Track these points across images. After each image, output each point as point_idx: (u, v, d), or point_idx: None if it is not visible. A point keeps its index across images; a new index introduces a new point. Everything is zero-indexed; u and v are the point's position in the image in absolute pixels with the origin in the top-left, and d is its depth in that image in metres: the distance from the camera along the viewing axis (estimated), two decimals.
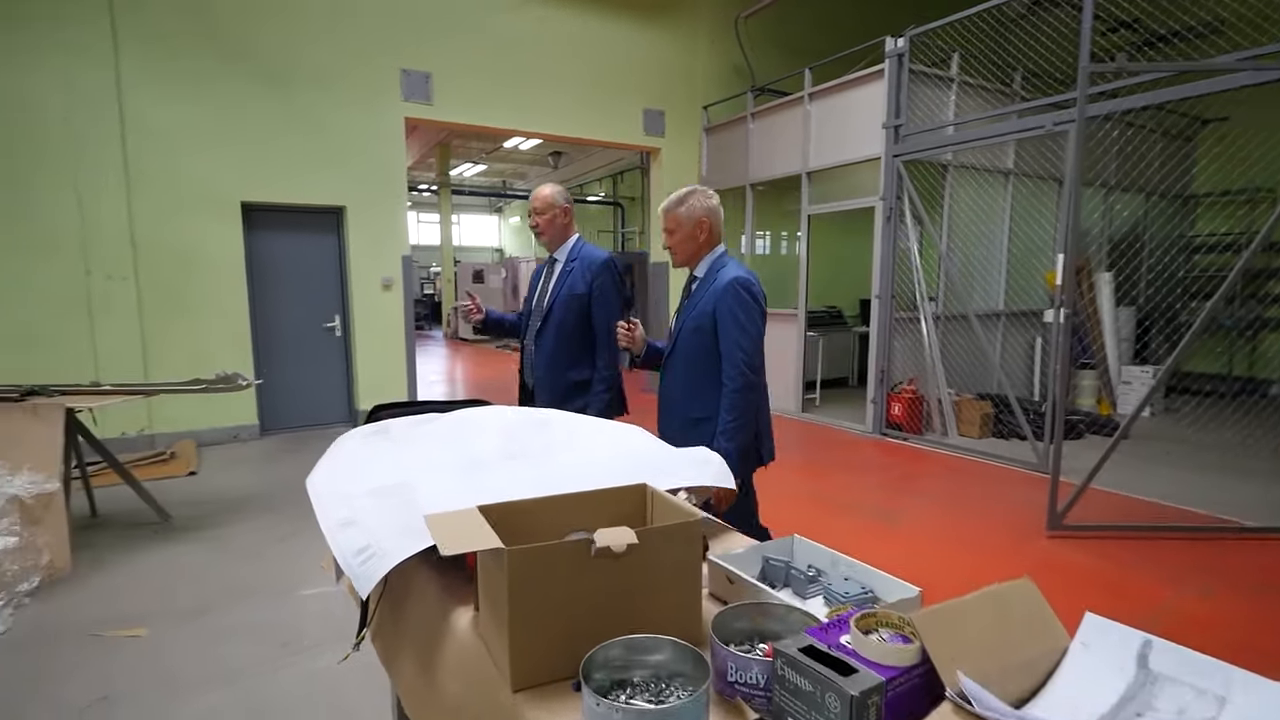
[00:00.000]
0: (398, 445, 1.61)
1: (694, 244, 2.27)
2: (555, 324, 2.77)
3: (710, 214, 2.26)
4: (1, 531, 2.96)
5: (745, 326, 2.16)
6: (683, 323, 2.31)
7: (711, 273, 2.26)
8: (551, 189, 2.86)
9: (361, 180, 6.44)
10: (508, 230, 25.99)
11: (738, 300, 2.15)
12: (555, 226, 2.83)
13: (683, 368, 2.31)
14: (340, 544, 1.20)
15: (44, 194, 5.21)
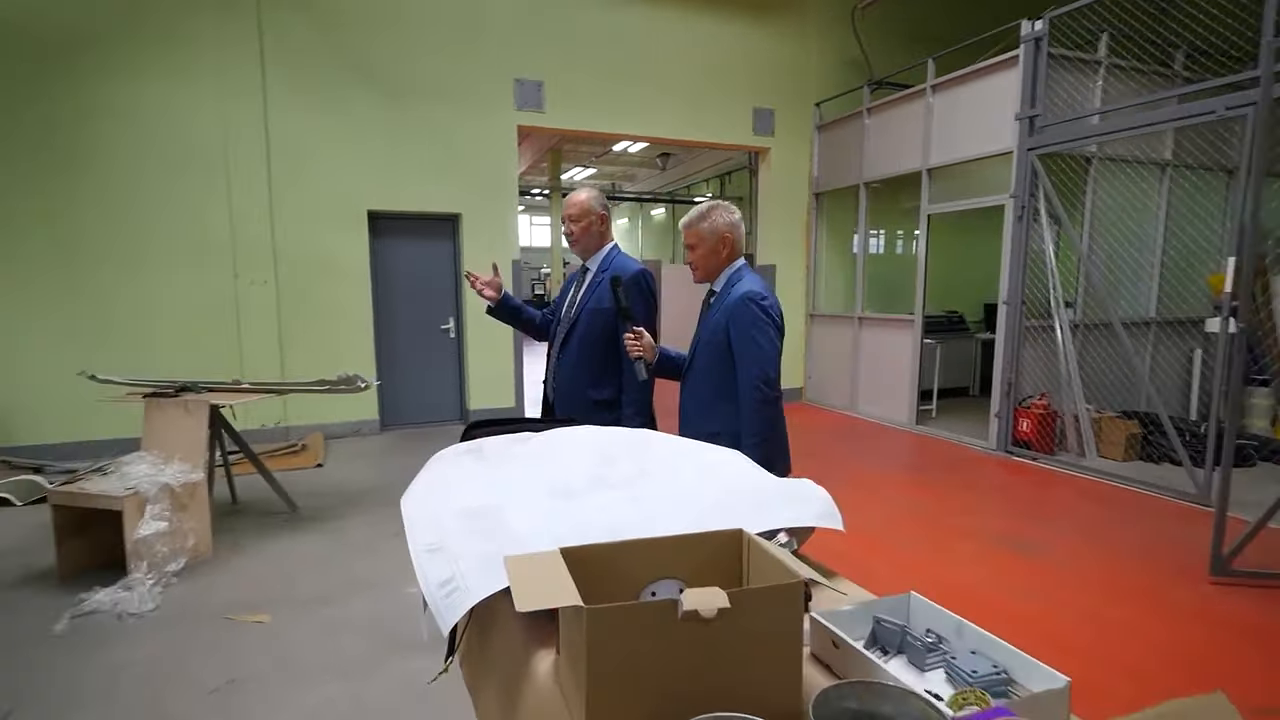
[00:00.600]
0: (489, 465, 1.60)
1: (716, 259, 2.26)
2: (580, 336, 2.65)
3: (733, 229, 2.25)
4: (154, 517, 3.27)
5: (758, 340, 2.12)
6: (701, 337, 2.30)
7: (728, 286, 2.24)
8: (587, 194, 2.75)
9: (476, 188, 6.68)
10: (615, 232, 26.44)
11: (749, 314, 2.13)
12: (590, 234, 2.69)
13: (698, 382, 2.31)
14: (426, 572, 1.18)
15: (205, 210, 5.77)
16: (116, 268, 5.58)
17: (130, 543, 3.20)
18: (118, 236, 5.57)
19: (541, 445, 1.68)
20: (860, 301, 7.76)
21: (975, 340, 8.61)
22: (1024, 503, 4.84)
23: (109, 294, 5.57)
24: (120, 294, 5.59)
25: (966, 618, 1.06)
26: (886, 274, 8.33)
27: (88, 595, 3.07)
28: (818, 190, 8.30)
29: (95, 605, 3.00)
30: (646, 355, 2.34)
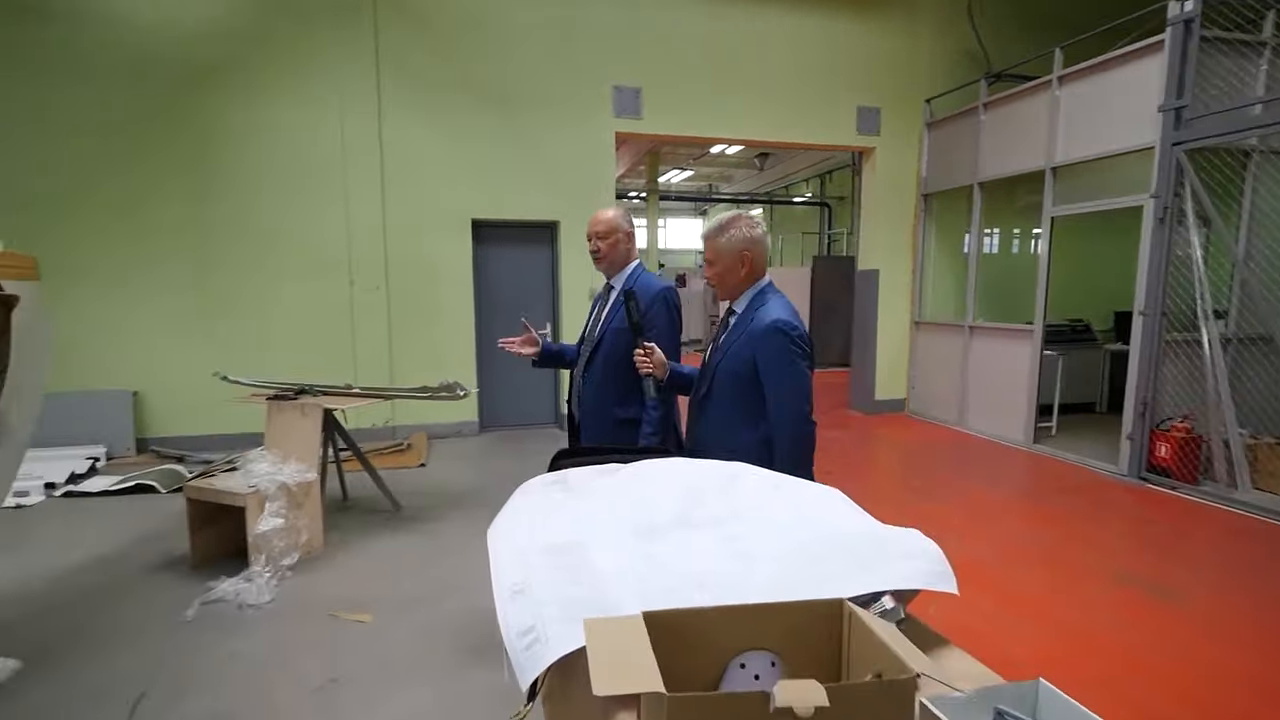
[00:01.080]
0: (575, 497, 1.57)
1: (735, 277, 2.12)
2: (604, 355, 2.64)
3: (752, 245, 2.09)
4: (272, 513, 3.49)
5: (793, 375, 2.02)
6: (718, 361, 2.15)
7: (750, 310, 2.10)
8: (615, 211, 2.74)
9: (574, 195, 6.77)
10: None
11: (781, 346, 2.00)
12: (617, 251, 2.70)
13: (717, 411, 2.16)
14: (508, 617, 1.16)
15: (325, 221, 6.17)
16: (247, 276, 6.05)
17: (251, 537, 3.44)
18: (249, 247, 6.04)
19: (628, 478, 1.63)
20: (972, 309, 7.27)
21: (1103, 351, 7.88)
22: (1161, 539, 4.36)
23: (241, 300, 6.05)
24: (250, 300, 6.07)
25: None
26: (1001, 280, 7.77)
27: (215, 584, 3.32)
28: (926, 191, 7.86)
29: (220, 594, 3.24)
30: (657, 372, 2.30)
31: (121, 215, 5.76)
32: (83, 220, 5.67)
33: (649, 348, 2.30)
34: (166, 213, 5.86)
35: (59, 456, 5.20)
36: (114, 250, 5.76)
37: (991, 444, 6.73)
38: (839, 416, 8.06)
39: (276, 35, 5.95)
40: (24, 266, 2.89)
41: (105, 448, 5.65)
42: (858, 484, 5.56)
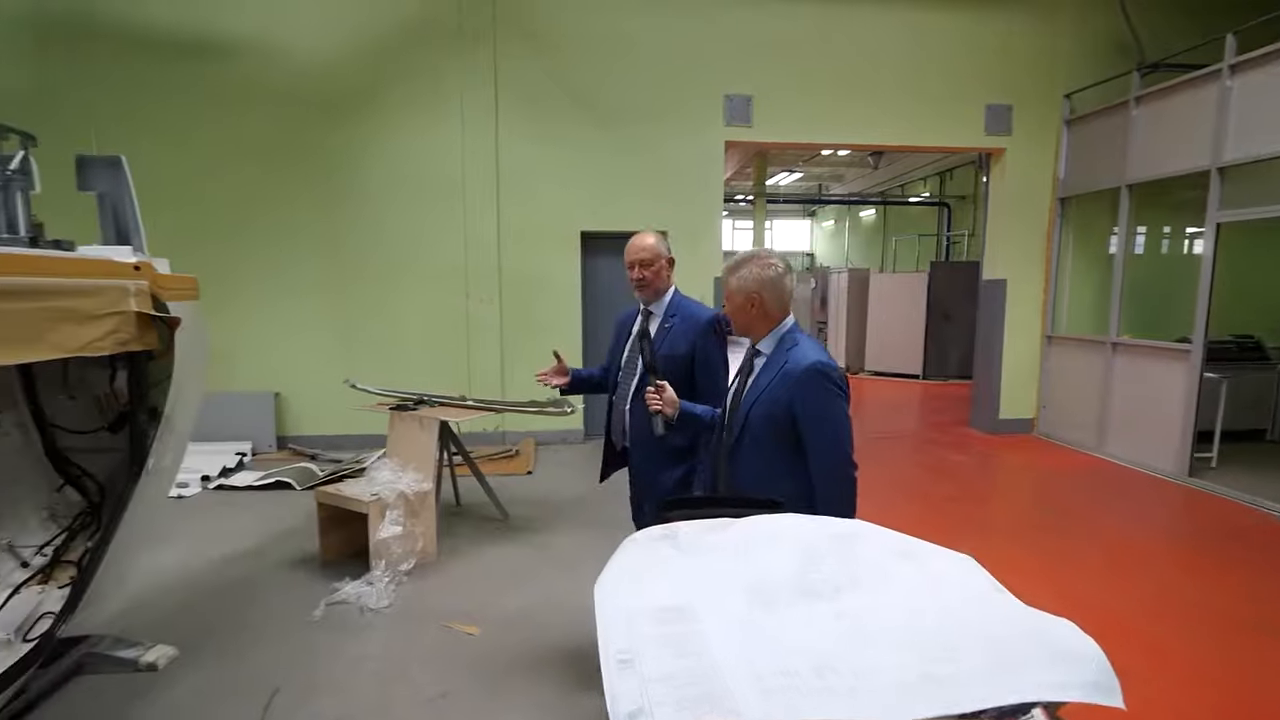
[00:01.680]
0: (684, 555, 1.52)
1: (746, 316, 2.08)
2: None
3: (763, 287, 2.03)
4: (392, 522, 3.68)
5: (837, 419, 1.97)
6: (749, 406, 2.07)
7: (779, 352, 2.05)
8: (655, 238, 2.70)
9: (682, 205, 6.74)
10: (820, 235, 25.45)
11: (820, 388, 1.95)
12: (661, 278, 2.69)
13: (753, 458, 2.07)
14: (615, 691, 1.12)
15: (444, 235, 6.50)
16: (375, 287, 6.46)
17: (373, 543, 3.64)
18: (377, 260, 6.45)
19: (740, 536, 1.56)
20: (1115, 323, 6.60)
21: (1277, 372, 6.94)
22: None
23: (370, 309, 6.47)
24: (378, 309, 6.47)
25: None
26: (1149, 291, 7.01)
27: (339, 585, 3.54)
28: (1064, 195, 7.22)
29: (344, 596, 3.45)
30: (667, 410, 2.26)
31: (269, 231, 6.31)
32: (237, 236, 6.25)
33: (661, 385, 2.29)
34: (306, 228, 6.36)
35: (213, 451, 5.75)
36: (262, 263, 6.31)
37: (1136, 474, 6.08)
38: (959, 436, 7.56)
39: (406, 60, 6.31)
40: (187, 288, 3.17)
41: (251, 444, 6.20)
42: (980, 514, 5.17)
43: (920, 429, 8.17)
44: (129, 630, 3.07)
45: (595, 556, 4.02)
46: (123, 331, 2.59)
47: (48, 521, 3.03)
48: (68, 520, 3.05)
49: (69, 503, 3.08)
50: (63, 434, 3.08)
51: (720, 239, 6.95)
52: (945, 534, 4.42)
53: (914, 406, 9.74)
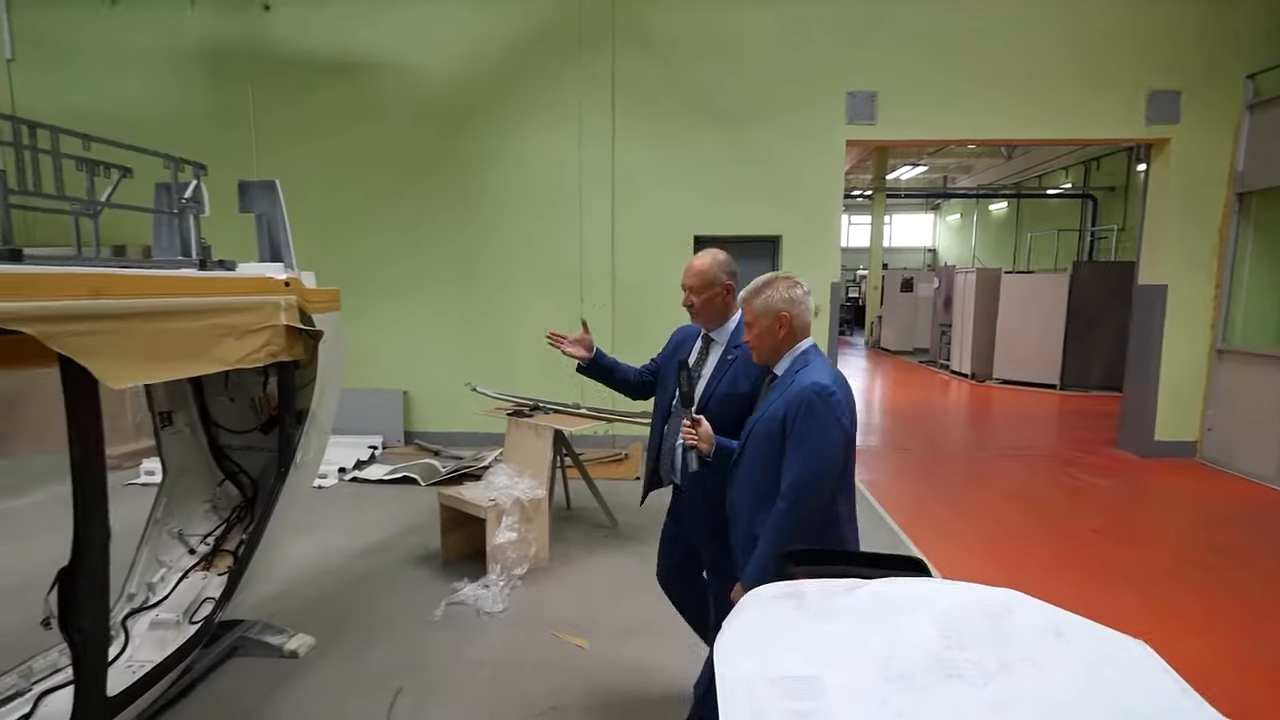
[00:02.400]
0: (810, 618, 1.43)
1: (773, 339, 2.01)
2: (710, 420, 2.24)
3: (790, 306, 1.98)
4: (507, 527, 3.80)
5: (815, 442, 1.87)
6: (753, 424, 2.04)
7: (789, 373, 2.00)
8: (710, 260, 2.40)
9: (798, 208, 6.53)
10: (944, 230, 24.02)
11: (811, 411, 1.87)
12: (714, 307, 2.39)
13: (747, 475, 2.04)
14: None
15: (561, 240, 6.65)
16: (495, 290, 6.73)
17: (489, 547, 3.77)
18: (498, 265, 6.70)
19: (872, 601, 1.45)
20: None
21: None
22: None
23: (490, 312, 6.75)
24: (498, 312, 6.73)
25: None
26: None
27: (459, 586, 3.69)
28: (1243, 189, 6.36)
29: (462, 598, 3.59)
30: (703, 446, 2.14)
31: (400, 236, 6.71)
32: (371, 243, 6.69)
33: (697, 420, 2.15)
34: (434, 233, 6.70)
35: (348, 444, 6.19)
36: (393, 267, 6.72)
37: None
38: (1105, 458, 6.86)
39: (527, 69, 6.49)
40: (330, 300, 3.40)
41: (382, 438, 6.63)
42: (1131, 552, 4.66)
43: (1057, 446, 7.49)
44: (275, 617, 3.35)
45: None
46: (274, 344, 2.80)
47: (210, 513, 3.35)
48: (227, 512, 3.36)
49: (228, 496, 3.39)
50: (223, 433, 3.39)
51: (838, 244, 6.66)
52: (1090, 573, 4.05)
53: (1050, 420, 8.96)
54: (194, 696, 2.81)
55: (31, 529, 4.56)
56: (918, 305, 15.69)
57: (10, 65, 6.69)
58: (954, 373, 12.43)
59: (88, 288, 2.05)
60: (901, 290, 16.16)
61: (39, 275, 1.93)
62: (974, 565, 4.27)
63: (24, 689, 2.53)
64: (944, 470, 6.42)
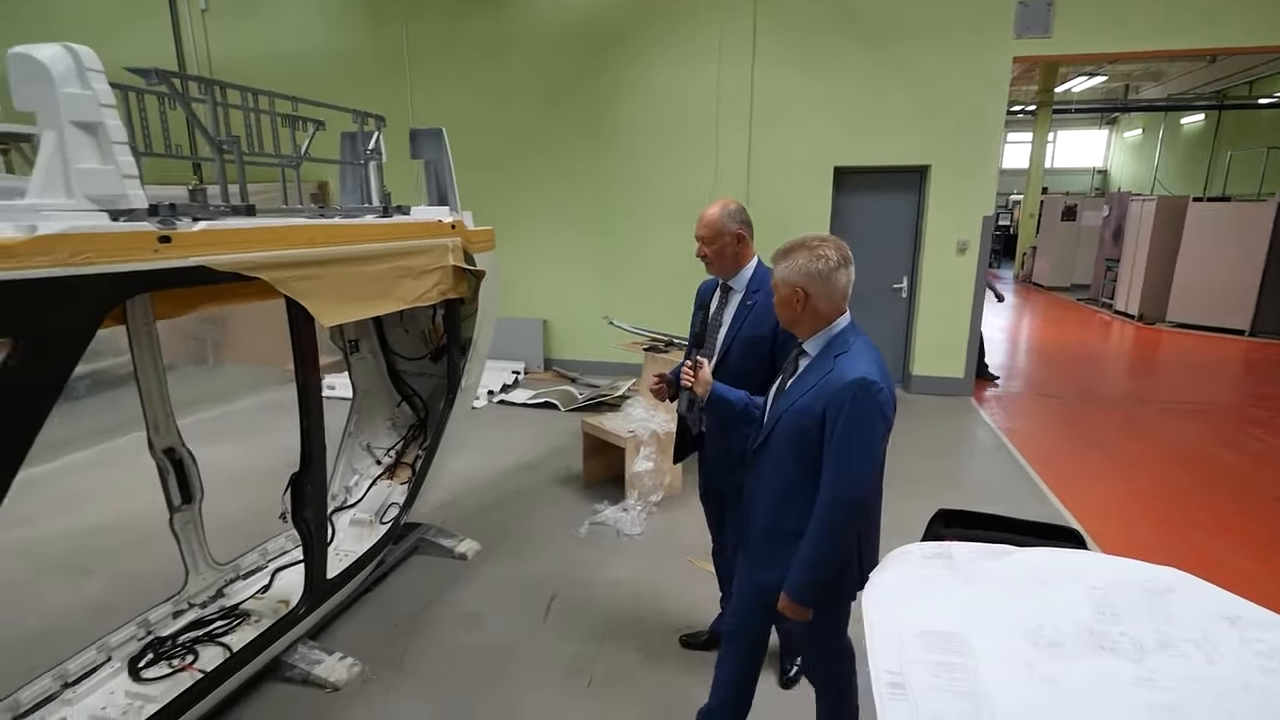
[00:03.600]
0: (959, 580, 1.49)
1: (791, 311, 1.83)
2: (732, 369, 2.30)
3: (810, 281, 1.77)
4: (644, 456, 4.04)
5: (861, 444, 1.71)
6: (782, 411, 1.86)
7: (826, 357, 1.80)
8: (720, 210, 2.39)
9: (951, 136, 6.06)
10: (1120, 149, 21.14)
11: (858, 409, 1.69)
12: (725, 256, 2.40)
13: (773, 468, 1.89)
14: (887, 716, 1.18)
15: (693, 173, 6.60)
16: (631, 222, 6.85)
17: (628, 474, 4.04)
18: (633, 196, 6.80)
19: (1023, 569, 1.48)
20: None
21: None
22: None
23: (626, 244, 6.91)
24: (633, 245, 6.88)
25: None
26: None
27: (600, 508, 4.01)
28: None
29: (604, 519, 3.91)
30: (698, 390, 2.08)
31: (541, 169, 6.95)
32: (513, 177, 6.97)
33: (699, 362, 2.12)
34: (573, 166, 6.87)
35: (496, 369, 6.70)
36: (535, 198, 7.00)
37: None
38: None
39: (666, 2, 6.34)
40: (487, 239, 3.66)
41: (524, 364, 7.11)
42: None
43: (1242, 402, 6.72)
44: (445, 522, 3.82)
45: None
46: (444, 284, 3.10)
47: (390, 430, 3.82)
48: (404, 430, 3.83)
49: (404, 416, 3.85)
50: (399, 360, 3.81)
51: (996, 174, 6.15)
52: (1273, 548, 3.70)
53: (1234, 371, 8.00)
54: (385, 585, 3.31)
55: (244, 432, 5.40)
56: (1080, 236, 14.20)
57: (204, 15, 7.39)
58: (1117, 313, 11.28)
59: (304, 238, 2.37)
60: (1062, 219, 14.62)
61: (269, 229, 2.25)
62: (1128, 528, 4.04)
63: (262, 565, 3.11)
64: (1099, 422, 5.97)
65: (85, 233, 1.69)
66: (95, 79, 1.80)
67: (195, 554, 2.81)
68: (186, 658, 2.46)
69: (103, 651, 2.44)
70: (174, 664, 2.42)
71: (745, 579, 2.05)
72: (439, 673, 2.71)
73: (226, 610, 2.77)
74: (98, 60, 1.82)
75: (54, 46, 1.77)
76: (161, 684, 2.35)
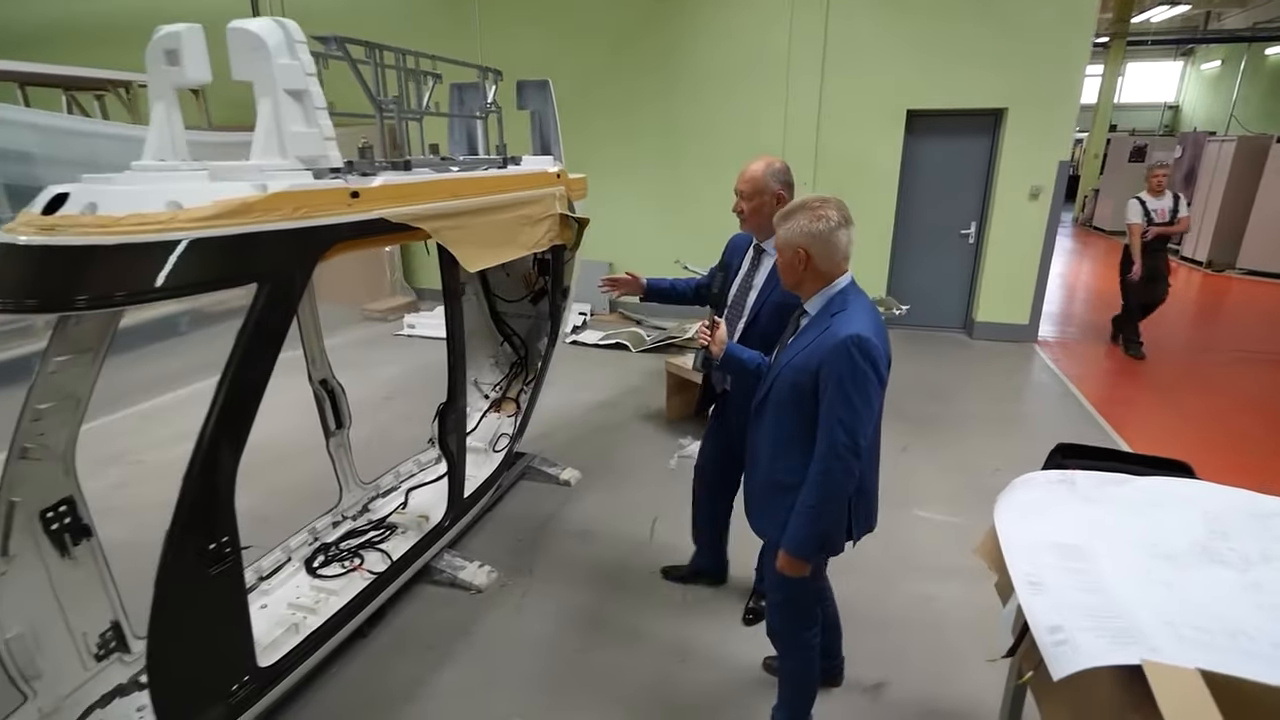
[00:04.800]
0: (1081, 502, 1.71)
1: (794, 274, 1.88)
2: (761, 333, 2.31)
3: (811, 242, 1.81)
4: None
5: (851, 398, 1.74)
6: (781, 367, 1.92)
7: (824, 315, 1.85)
8: (764, 167, 2.34)
9: (1030, 75, 5.95)
10: (1196, 83, 19.92)
11: (849, 365, 1.73)
12: (762, 215, 2.33)
13: (773, 422, 1.94)
14: (1033, 609, 1.41)
15: (762, 116, 6.62)
16: (698, 169, 6.93)
17: None
18: (700, 138, 6.87)
19: (1140, 494, 1.70)
20: None
21: None
22: None
23: (692, 190, 7.00)
24: (697, 188, 6.96)
25: None
26: None
27: (685, 442, 4.29)
28: None
29: (690, 453, 4.19)
30: (713, 349, 2.11)
31: (610, 109, 7.01)
32: (584, 117, 7.03)
33: (716, 322, 2.16)
34: (643, 108, 6.93)
35: None
36: (604, 142, 7.08)
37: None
38: None
39: None
40: (582, 188, 3.85)
41: (590, 305, 7.35)
42: None
43: None
44: (544, 452, 4.15)
45: (902, 450, 4.20)
46: (553, 231, 3.32)
47: (493, 367, 4.12)
48: (506, 367, 4.12)
49: (505, 354, 4.13)
50: (500, 301, 4.06)
51: (1074, 116, 6.03)
52: None
53: None
54: (502, 506, 3.66)
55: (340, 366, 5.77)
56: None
57: None
58: (1184, 259, 11.00)
59: (448, 191, 2.59)
60: (1130, 159, 14.07)
61: (430, 183, 2.47)
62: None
63: (395, 485, 3.47)
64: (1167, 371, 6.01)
65: (302, 190, 1.93)
66: (301, 50, 2.00)
67: (347, 473, 3.17)
68: (354, 560, 2.83)
69: (284, 553, 2.83)
70: (345, 565, 2.80)
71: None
72: (565, 580, 3.05)
73: (375, 522, 3.13)
74: (301, 32, 2.02)
75: (265, 20, 1.97)
76: (337, 581, 2.73)
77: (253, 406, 1.89)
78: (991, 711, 2.32)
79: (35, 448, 1.94)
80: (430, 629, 2.75)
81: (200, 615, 1.88)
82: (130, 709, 2.12)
